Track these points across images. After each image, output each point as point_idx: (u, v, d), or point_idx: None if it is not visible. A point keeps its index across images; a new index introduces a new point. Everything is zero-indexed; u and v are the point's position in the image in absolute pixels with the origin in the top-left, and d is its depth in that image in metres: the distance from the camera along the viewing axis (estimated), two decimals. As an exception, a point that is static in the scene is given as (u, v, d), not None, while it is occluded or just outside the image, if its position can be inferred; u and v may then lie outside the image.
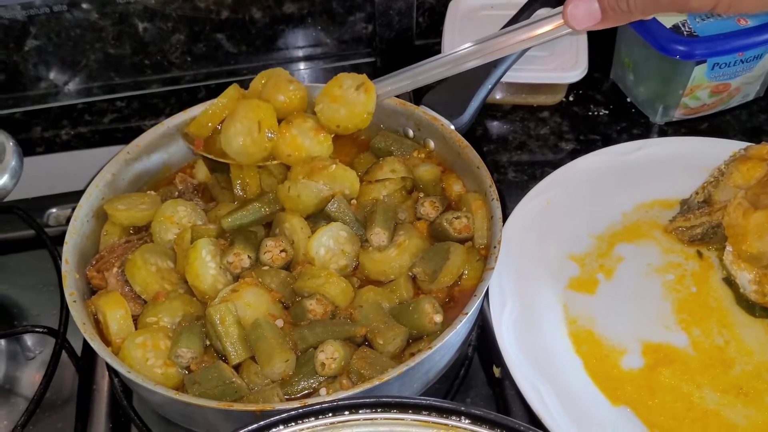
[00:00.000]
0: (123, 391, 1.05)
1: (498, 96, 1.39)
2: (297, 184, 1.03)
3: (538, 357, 0.97)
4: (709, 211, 1.08)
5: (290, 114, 1.11)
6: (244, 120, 1.07)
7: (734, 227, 1.03)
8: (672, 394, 0.96)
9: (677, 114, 1.31)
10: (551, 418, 0.90)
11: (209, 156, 1.12)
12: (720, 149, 1.18)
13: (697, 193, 1.12)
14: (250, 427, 0.77)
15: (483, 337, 1.08)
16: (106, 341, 0.96)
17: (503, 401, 1.04)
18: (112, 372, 1.06)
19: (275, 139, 1.08)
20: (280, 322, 0.96)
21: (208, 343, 0.95)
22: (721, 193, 1.08)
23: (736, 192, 1.06)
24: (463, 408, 0.78)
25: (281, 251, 1.02)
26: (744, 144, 1.16)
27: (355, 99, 1.09)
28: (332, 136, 1.11)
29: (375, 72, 1.46)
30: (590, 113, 1.37)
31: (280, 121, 1.10)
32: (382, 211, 1.04)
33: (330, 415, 0.79)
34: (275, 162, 1.10)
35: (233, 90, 1.13)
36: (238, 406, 0.84)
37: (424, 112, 1.15)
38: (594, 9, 0.91)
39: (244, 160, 1.10)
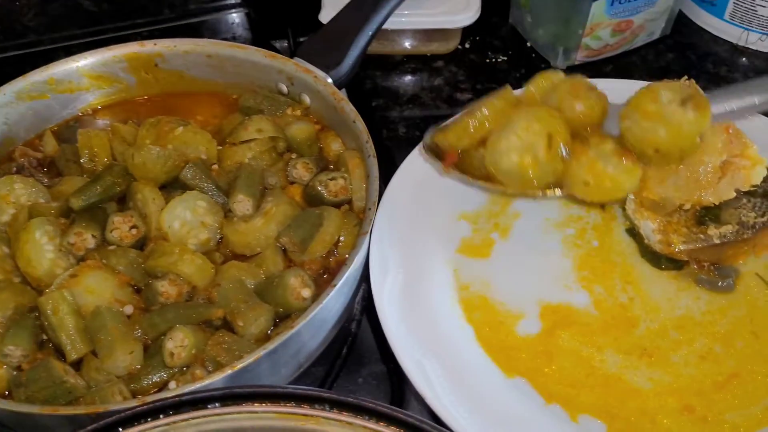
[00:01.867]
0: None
1: (386, 46, 1.27)
2: (142, 150, 0.90)
3: (423, 329, 0.87)
4: (608, 157, 0.98)
5: (582, 130, 0.87)
6: (525, 132, 0.84)
7: (634, 173, 0.94)
8: (571, 360, 0.87)
9: (579, 57, 1.22)
10: (434, 396, 0.80)
11: (463, 177, 0.92)
12: (624, 91, 1.08)
13: (596, 139, 1.03)
14: (80, 432, 0.66)
15: (373, 309, 0.98)
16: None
17: (398, 378, 0.94)
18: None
19: (568, 160, 0.85)
20: (129, 309, 0.85)
21: (45, 338, 0.83)
22: (621, 137, 0.98)
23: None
24: (324, 394, 0.68)
25: (131, 228, 0.89)
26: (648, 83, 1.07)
27: (680, 117, 0.83)
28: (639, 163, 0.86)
29: (251, 26, 1.33)
30: (488, 60, 1.27)
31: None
32: (246, 176, 0.92)
33: (171, 412, 0.69)
34: (558, 194, 0.88)
35: (507, 92, 0.93)
36: (64, 410, 0.72)
37: (297, 64, 1.04)
38: None
39: (518, 185, 0.87)
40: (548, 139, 0.84)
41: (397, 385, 0.94)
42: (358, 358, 0.98)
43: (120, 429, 0.67)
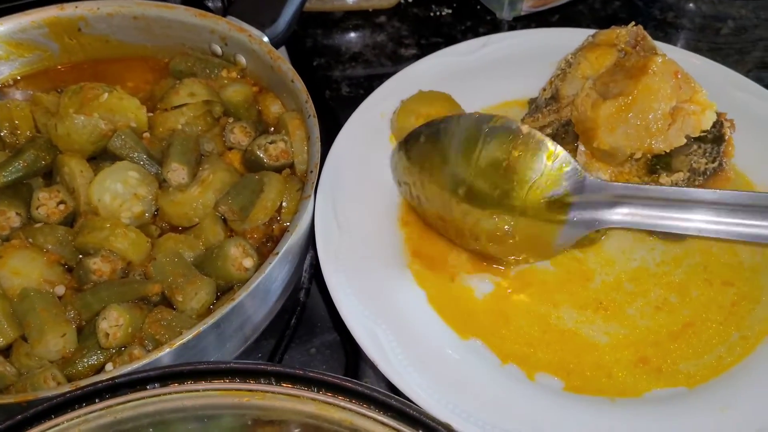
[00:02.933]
0: None
1: (326, 2, 1.21)
2: (65, 120, 0.84)
3: (374, 296, 0.84)
4: (557, 108, 0.96)
5: None
6: None
7: (584, 122, 0.91)
8: (527, 319, 0.85)
9: (525, 7, 1.19)
10: (388, 363, 0.77)
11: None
12: (570, 40, 1.05)
13: (544, 90, 1.00)
14: (5, 424, 0.62)
15: (322, 278, 0.94)
16: None
17: (351, 347, 0.91)
18: None
19: None
20: (60, 289, 0.80)
21: (-29, 325, 0.77)
22: (569, 87, 0.96)
23: (584, 83, 0.94)
24: (268, 368, 0.65)
25: (59, 203, 0.84)
26: (594, 32, 1.04)
27: None
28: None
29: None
30: (432, 14, 1.23)
31: None
32: (179, 143, 0.87)
33: (108, 396, 0.65)
34: None
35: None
36: (-12, 401, 0.67)
37: (230, 23, 0.98)
38: None
39: None
40: None
41: (351, 354, 0.92)
42: (309, 328, 0.94)
43: (53, 416, 0.63)
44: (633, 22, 0.98)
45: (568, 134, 0.96)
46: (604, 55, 0.96)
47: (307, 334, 0.94)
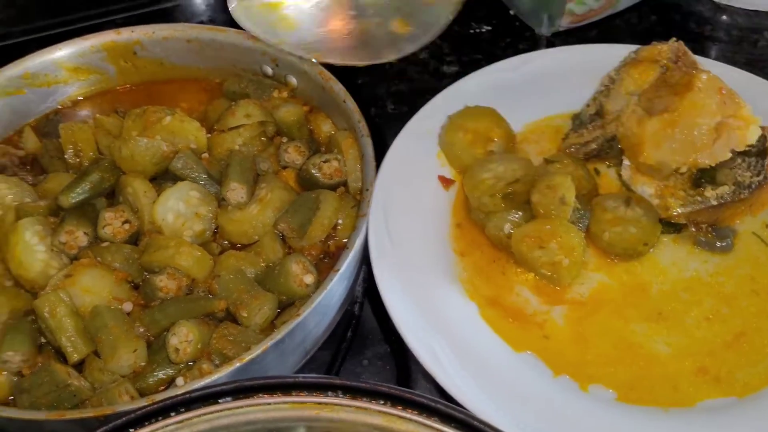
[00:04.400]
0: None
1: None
2: (129, 142, 0.87)
3: (427, 308, 0.86)
4: (601, 123, 0.98)
5: None
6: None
7: (630, 138, 0.93)
8: (591, 332, 0.86)
9: (564, 23, 1.21)
10: (444, 375, 0.80)
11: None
12: (610, 56, 1.07)
13: (588, 106, 1.02)
14: (89, 438, 0.65)
15: (375, 291, 0.97)
16: None
17: (402, 358, 0.93)
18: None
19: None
20: (128, 306, 0.83)
21: (44, 340, 0.81)
22: (613, 103, 0.98)
23: (628, 99, 0.96)
24: (337, 381, 0.67)
25: (124, 222, 0.87)
26: (635, 47, 1.06)
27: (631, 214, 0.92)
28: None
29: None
30: (471, 31, 1.25)
31: None
32: (237, 163, 0.90)
33: (183, 410, 0.67)
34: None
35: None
36: (71, 415, 0.71)
37: (281, 44, 1.01)
38: None
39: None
40: None
41: (402, 364, 0.94)
42: (361, 340, 0.97)
43: (131, 430, 0.66)
44: (673, 38, 1.00)
45: (612, 149, 0.99)
46: (646, 71, 0.98)
47: (358, 346, 0.96)
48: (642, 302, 0.88)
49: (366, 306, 0.98)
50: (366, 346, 0.98)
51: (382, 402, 0.66)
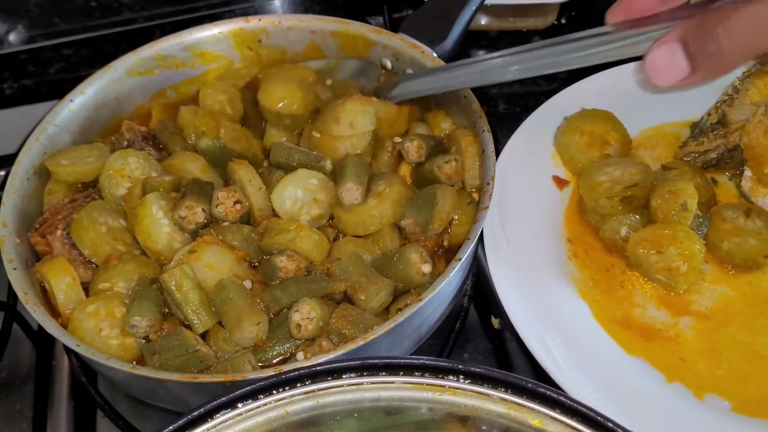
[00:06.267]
0: (81, 367, 0.94)
1: (483, 21, 1.26)
2: None
3: (541, 305, 0.87)
4: (724, 132, 0.96)
5: None
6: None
7: (754, 148, 0.92)
8: (730, 344, 0.86)
9: (681, 31, 1.19)
10: (559, 371, 0.80)
11: None
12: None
13: (709, 114, 1.01)
14: (220, 400, 0.67)
15: (479, 286, 0.98)
16: (57, 312, 0.85)
17: (504, 354, 0.94)
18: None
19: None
20: (248, 284, 0.85)
21: (167, 310, 0.84)
22: (737, 113, 0.96)
23: (754, 110, 0.94)
24: (461, 366, 0.68)
25: (235, 203, 0.89)
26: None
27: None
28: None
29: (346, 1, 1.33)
30: (585, 35, 1.25)
31: None
32: (353, 164, 0.90)
33: (309, 382, 0.69)
34: None
35: None
36: (204, 378, 0.74)
37: (403, 39, 1.03)
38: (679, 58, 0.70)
39: None
40: None
41: (503, 362, 0.94)
42: (464, 334, 0.98)
43: (260, 396, 0.68)
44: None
45: (732, 159, 0.97)
46: (772, 82, 0.96)
47: (460, 339, 0.97)
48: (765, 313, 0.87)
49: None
50: (468, 341, 0.98)
51: (504, 390, 0.67)
